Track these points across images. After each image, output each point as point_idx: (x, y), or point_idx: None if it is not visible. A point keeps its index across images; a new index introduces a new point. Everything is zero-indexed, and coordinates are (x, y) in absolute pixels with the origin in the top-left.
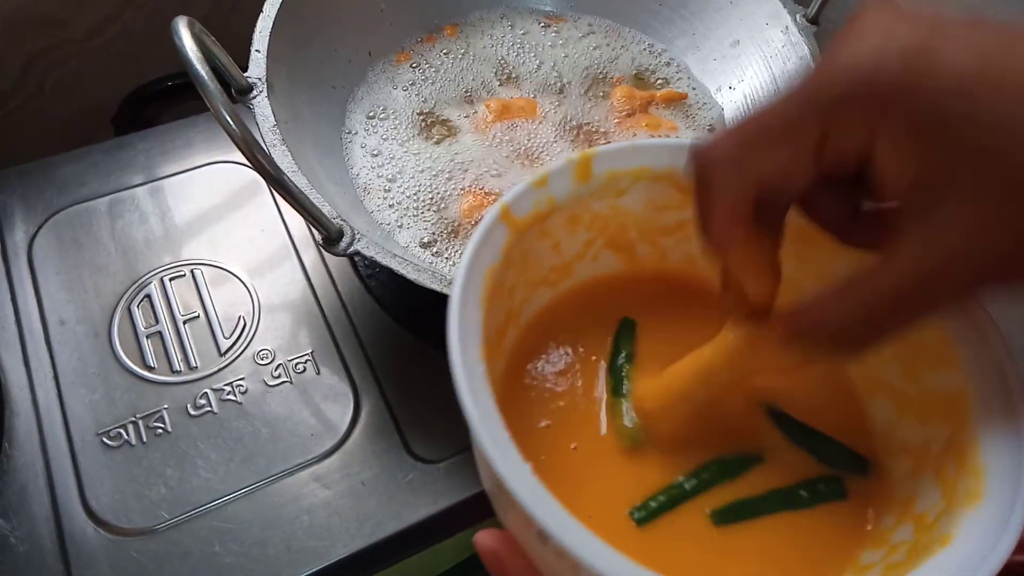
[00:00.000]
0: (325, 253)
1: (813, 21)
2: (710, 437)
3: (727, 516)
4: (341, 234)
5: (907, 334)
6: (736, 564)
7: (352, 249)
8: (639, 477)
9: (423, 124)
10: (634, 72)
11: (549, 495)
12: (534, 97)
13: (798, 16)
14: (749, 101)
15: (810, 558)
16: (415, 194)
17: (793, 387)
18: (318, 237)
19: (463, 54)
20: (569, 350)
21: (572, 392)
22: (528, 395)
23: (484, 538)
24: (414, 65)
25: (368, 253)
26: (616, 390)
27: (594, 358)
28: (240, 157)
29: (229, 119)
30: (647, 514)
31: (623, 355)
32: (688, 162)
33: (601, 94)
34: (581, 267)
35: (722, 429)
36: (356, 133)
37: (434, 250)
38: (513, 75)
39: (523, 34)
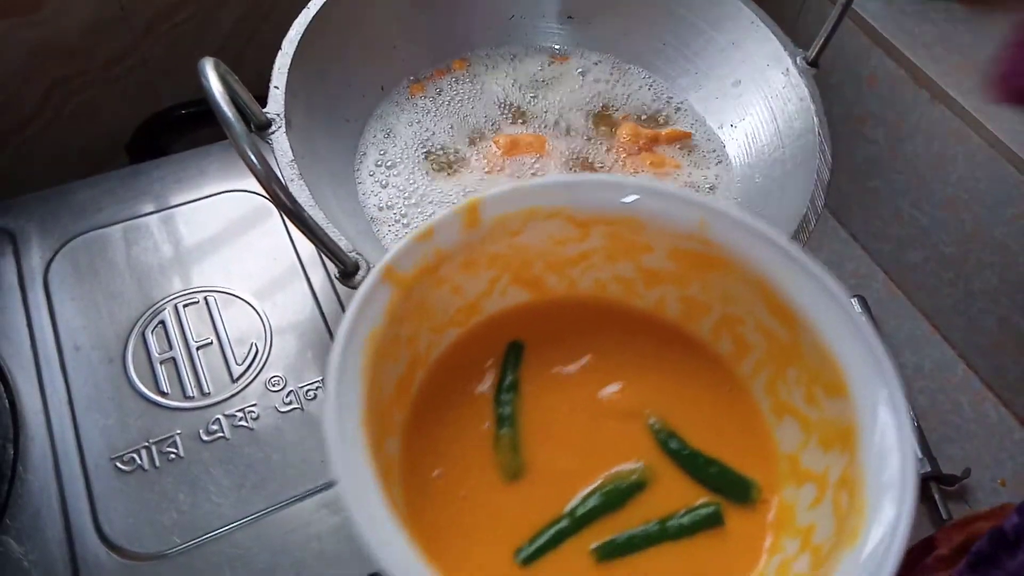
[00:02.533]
0: (336, 282)
1: (812, 64)
2: (595, 463)
3: (608, 552)
4: (357, 267)
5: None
6: None
7: None
8: (525, 514)
9: (433, 157)
10: (639, 110)
11: (417, 568)
12: (541, 133)
13: (798, 58)
14: (750, 140)
15: None
16: None
17: (692, 408)
18: (334, 270)
19: (472, 89)
20: (467, 387)
21: (464, 432)
22: (427, 442)
23: None
24: (425, 99)
25: None
26: (500, 422)
27: (485, 392)
28: (252, 186)
29: (254, 158)
30: (530, 554)
31: (507, 382)
32: None
33: (607, 131)
34: (489, 303)
35: (607, 454)
36: (368, 166)
37: None
38: (521, 111)
39: (530, 69)
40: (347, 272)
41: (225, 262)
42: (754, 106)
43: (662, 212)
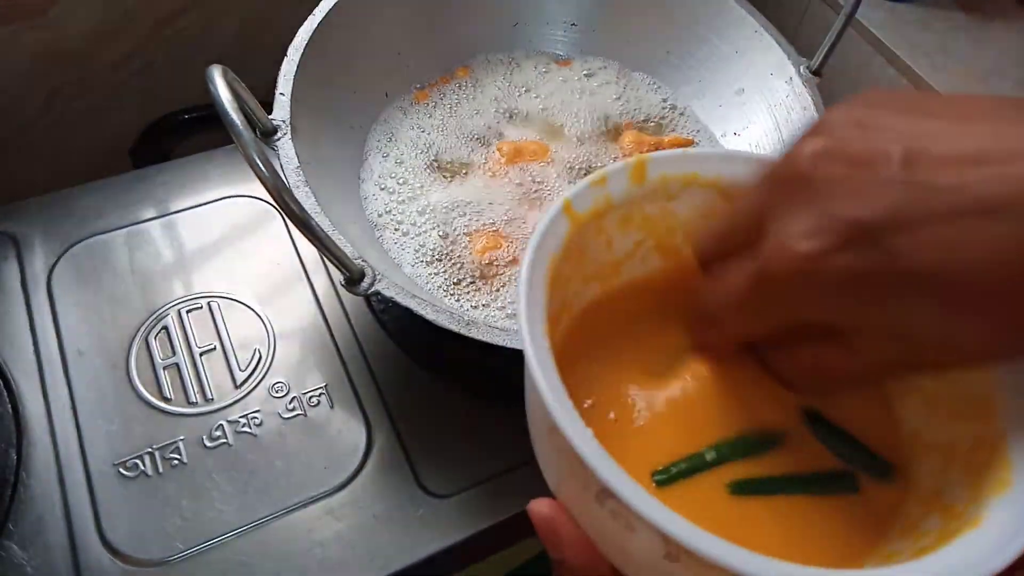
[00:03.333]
0: (339, 287)
1: (816, 73)
2: (738, 416)
3: (744, 488)
4: (362, 274)
5: None
6: (750, 532)
7: (373, 290)
8: (667, 447)
9: (437, 164)
10: (643, 117)
11: (609, 457)
12: (544, 139)
13: (802, 68)
14: (753, 148)
15: (825, 541)
16: (428, 232)
17: None
18: (339, 278)
19: (476, 95)
20: (611, 344)
21: (613, 370)
22: (575, 378)
23: (538, 506)
24: (429, 105)
25: (388, 294)
26: (654, 365)
27: (631, 340)
28: (255, 191)
29: (262, 166)
30: (667, 478)
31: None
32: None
33: (610, 137)
34: (629, 267)
35: (751, 410)
36: (372, 172)
37: (447, 287)
38: (525, 117)
39: (534, 76)
40: (352, 279)
41: (228, 267)
42: (757, 115)
43: None
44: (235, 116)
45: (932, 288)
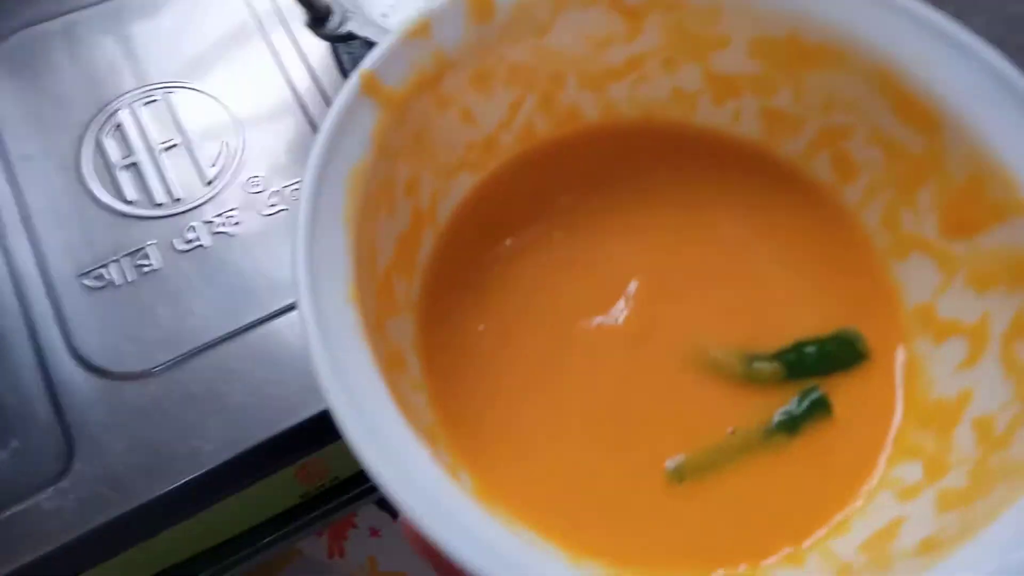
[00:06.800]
0: (317, 69)
1: None
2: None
3: (682, 474)
4: (328, 10)
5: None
6: (696, 516)
7: (344, 29)
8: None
9: None
10: None
11: (448, 486)
12: None
13: None
14: None
15: (790, 498)
16: None
17: (773, 268)
18: (303, 18)
19: None
20: (495, 249)
21: (517, 288)
22: (462, 302)
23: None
24: None
25: (362, 34)
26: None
27: (540, 249)
28: None
29: None
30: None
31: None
32: None
33: None
34: (509, 138)
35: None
36: None
37: None
38: None
39: None
40: (319, 16)
41: (183, 54)
42: None
43: None
44: None
45: None
